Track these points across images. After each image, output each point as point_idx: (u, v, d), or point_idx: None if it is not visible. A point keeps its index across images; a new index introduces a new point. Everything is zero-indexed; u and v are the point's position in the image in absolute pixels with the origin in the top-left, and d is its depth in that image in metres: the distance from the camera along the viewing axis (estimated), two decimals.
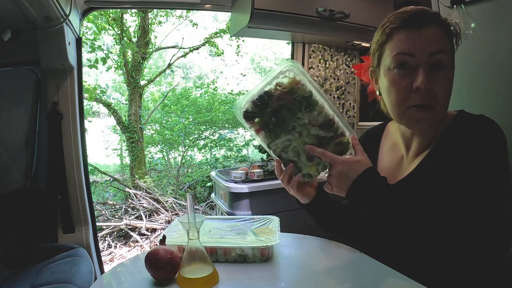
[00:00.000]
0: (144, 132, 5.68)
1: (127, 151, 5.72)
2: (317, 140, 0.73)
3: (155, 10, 5.28)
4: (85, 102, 5.27)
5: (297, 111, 0.72)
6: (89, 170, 2.00)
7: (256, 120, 0.74)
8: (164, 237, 0.76)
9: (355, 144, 0.74)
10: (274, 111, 0.72)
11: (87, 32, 4.65)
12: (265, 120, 0.73)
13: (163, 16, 5.58)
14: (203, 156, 6.31)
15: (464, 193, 0.65)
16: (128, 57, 5.38)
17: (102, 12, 4.74)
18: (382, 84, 0.77)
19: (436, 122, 0.74)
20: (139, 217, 3.93)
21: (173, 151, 6.18)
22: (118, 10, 4.82)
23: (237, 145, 6.21)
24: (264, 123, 0.73)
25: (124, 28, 5.26)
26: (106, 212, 3.96)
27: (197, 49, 5.90)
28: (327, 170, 0.76)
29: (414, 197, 0.70)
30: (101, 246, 3.38)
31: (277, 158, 0.76)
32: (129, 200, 4.34)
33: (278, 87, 0.71)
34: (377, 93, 0.83)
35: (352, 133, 0.75)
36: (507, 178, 0.67)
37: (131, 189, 4.61)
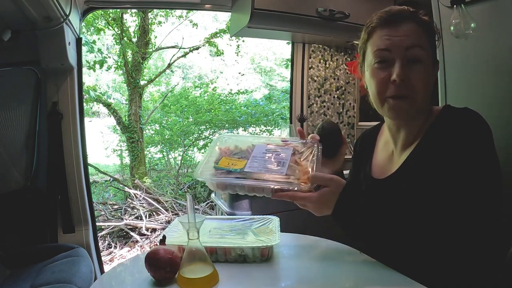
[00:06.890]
0: (144, 132, 5.67)
1: (127, 151, 5.71)
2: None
3: (155, 10, 5.27)
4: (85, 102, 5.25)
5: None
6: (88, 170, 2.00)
7: None
8: (164, 237, 0.76)
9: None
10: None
11: (86, 32, 4.65)
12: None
13: (163, 16, 5.57)
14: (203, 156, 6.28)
15: (456, 187, 0.66)
16: (128, 57, 5.37)
17: (102, 12, 4.73)
18: (367, 78, 0.82)
19: (417, 112, 0.77)
20: (139, 217, 3.92)
21: (173, 151, 6.17)
22: (118, 10, 4.81)
23: None
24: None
25: (124, 28, 5.25)
26: (106, 212, 3.95)
27: (197, 49, 5.89)
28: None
29: (404, 197, 0.70)
30: (101, 246, 3.38)
31: None
32: (129, 200, 4.33)
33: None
34: (365, 86, 0.86)
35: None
36: (497, 170, 0.68)
37: (131, 189, 4.60)
